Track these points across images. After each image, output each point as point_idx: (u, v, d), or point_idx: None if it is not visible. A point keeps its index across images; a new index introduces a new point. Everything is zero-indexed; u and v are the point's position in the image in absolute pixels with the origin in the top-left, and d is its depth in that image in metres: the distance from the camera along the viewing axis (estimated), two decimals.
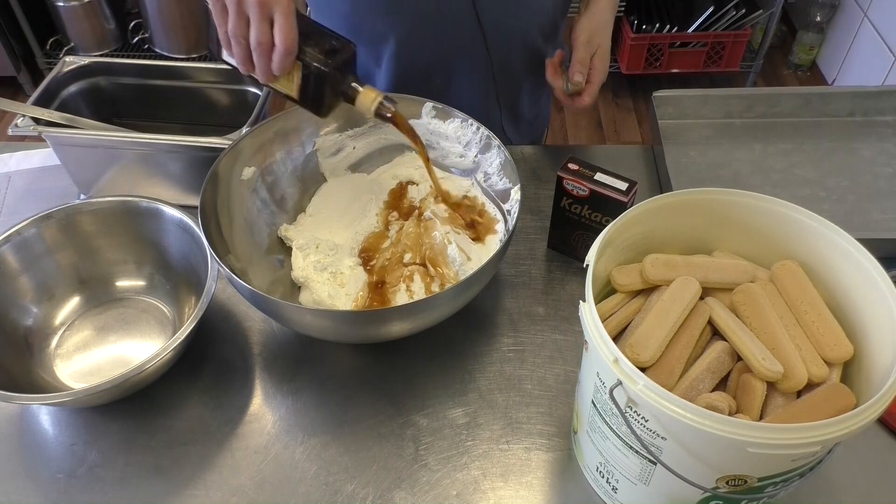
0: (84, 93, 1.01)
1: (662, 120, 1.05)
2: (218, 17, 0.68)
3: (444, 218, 0.87)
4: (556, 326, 0.84)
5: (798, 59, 2.60)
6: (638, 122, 2.49)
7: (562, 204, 0.85)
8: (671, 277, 0.64)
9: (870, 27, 2.30)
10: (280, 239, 0.88)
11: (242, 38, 0.68)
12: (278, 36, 0.66)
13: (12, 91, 2.54)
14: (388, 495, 0.70)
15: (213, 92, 1.02)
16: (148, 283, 0.88)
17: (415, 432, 0.75)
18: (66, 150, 0.95)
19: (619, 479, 0.64)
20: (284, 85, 0.73)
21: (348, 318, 0.75)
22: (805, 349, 0.61)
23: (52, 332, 0.84)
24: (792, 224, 0.65)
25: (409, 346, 0.82)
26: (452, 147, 0.90)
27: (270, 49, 0.67)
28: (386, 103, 0.75)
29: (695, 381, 0.59)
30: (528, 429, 0.75)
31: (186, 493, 0.71)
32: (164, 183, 0.95)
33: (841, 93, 1.08)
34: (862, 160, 1.03)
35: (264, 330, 0.84)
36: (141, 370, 0.69)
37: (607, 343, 0.54)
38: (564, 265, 0.90)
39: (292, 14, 0.67)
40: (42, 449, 0.75)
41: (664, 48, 2.40)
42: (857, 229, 0.63)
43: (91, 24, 2.45)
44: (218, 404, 0.78)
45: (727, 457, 0.54)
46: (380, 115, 0.75)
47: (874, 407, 0.51)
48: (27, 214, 0.82)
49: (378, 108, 0.75)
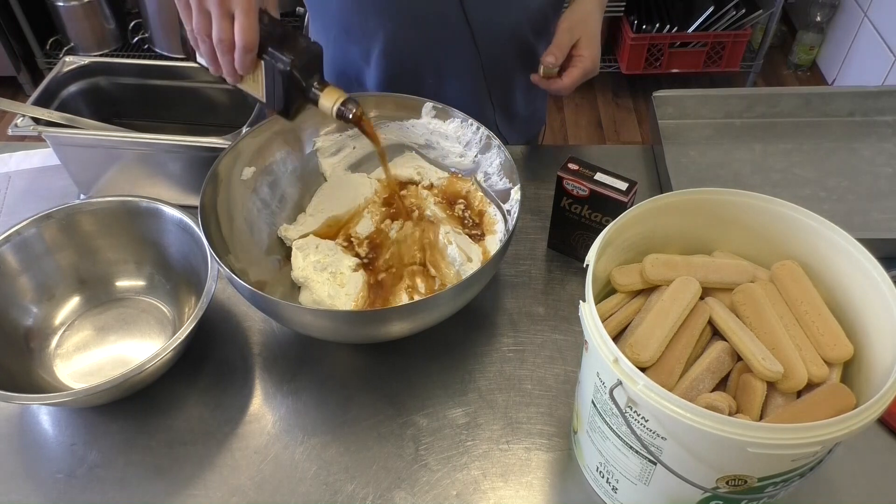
0: (84, 93, 1.01)
1: (662, 120, 1.05)
2: (183, 14, 0.68)
3: (444, 218, 0.87)
4: (556, 326, 0.84)
5: (798, 59, 2.60)
6: (638, 122, 2.49)
7: (562, 204, 0.85)
8: (671, 277, 0.64)
9: (870, 27, 2.30)
10: (280, 239, 0.88)
11: (206, 36, 0.67)
12: (238, 33, 0.66)
13: (12, 91, 2.54)
14: (388, 495, 0.70)
15: (213, 92, 1.02)
16: (148, 283, 0.88)
17: (415, 432, 0.75)
18: (66, 150, 0.95)
19: (619, 479, 0.64)
20: (251, 86, 0.72)
21: (348, 318, 0.75)
22: (805, 349, 0.61)
23: (52, 332, 0.84)
24: (792, 224, 0.65)
25: (409, 346, 0.82)
26: (452, 147, 0.90)
27: (232, 47, 0.67)
28: (348, 104, 0.73)
29: (695, 381, 0.59)
30: (528, 429, 0.75)
31: (186, 493, 0.71)
32: (164, 183, 0.95)
33: (841, 93, 1.08)
34: (862, 160, 1.03)
35: (264, 330, 0.84)
36: (141, 370, 0.69)
37: (607, 343, 0.54)
38: (564, 265, 0.90)
39: (253, 11, 0.66)
40: (42, 449, 0.75)
41: (664, 48, 2.40)
42: (857, 229, 0.63)
43: (91, 24, 2.45)
44: (218, 404, 0.78)
45: (727, 457, 0.54)
46: (340, 115, 0.73)
47: (874, 407, 0.51)
48: (27, 214, 0.82)
49: (339, 109, 0.73)
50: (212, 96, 1.03)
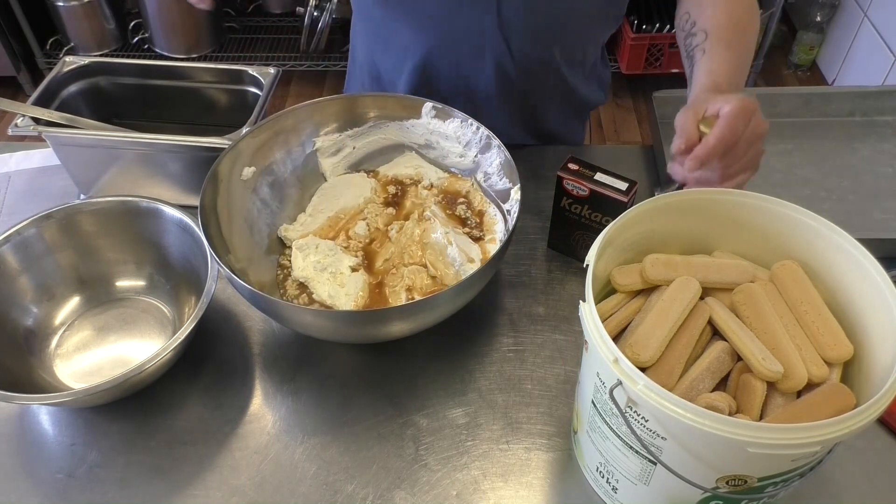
0: (84, 93, 1.01)
1: (662, 120, 1.05)
2: None
3: (444, 218, 0.87)
4: (556, 326, 0.84)
5: (798, 59, 2.60)
6: (638, 122, 2.49)
7: (562, 204, 0.85)
8: (671, 277, 0.64)
9: (870, 27, 2.30)
10: (280, 239, 0.88)
11: None
12: None
13: (12, 91, 2.54)
14: (388, 495, 0.70)
15: (213, 92, 1.02)
16: (148, 283, 0.88)
17: (415, 432, 0.75)
18: (66, 149, 0.95)
19: (619, 479, 0.64)
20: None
21: (348, 318, 0.75)
22: (805, 349, 0.61)
23: (52, 332, 0.84)
24: (792, 224, 0.65)
25: (409, 346, 0.82)
26: (452, 147, 0.90)
27: None
28: None
29: (695, 381, 0.59)
30: (528, 429, 0.75)
31: (186, 493, 0.71)
32: (164, 183, 0.95)
33: (841, 93, 1.08)
34: (862, 160, 1.03)
35: (264, 330, 0.84)
36: (141, 370, 0.69)
37: (607, 343, 0.54)
38: (564, 265, 0.90)
39: None
40: (42, 449, 0.75)
41: (664, 48, 2.40)
42: (857, 229, 0.63)
43: (91, 24, 2.45)
44: (218, 404, 0.78)
45: (727, 457, 0.54)
46: None
47: (874, 407, 0.51)
48: (27, 214, 0.82)
49: None
50: (212, 96, 1.03)
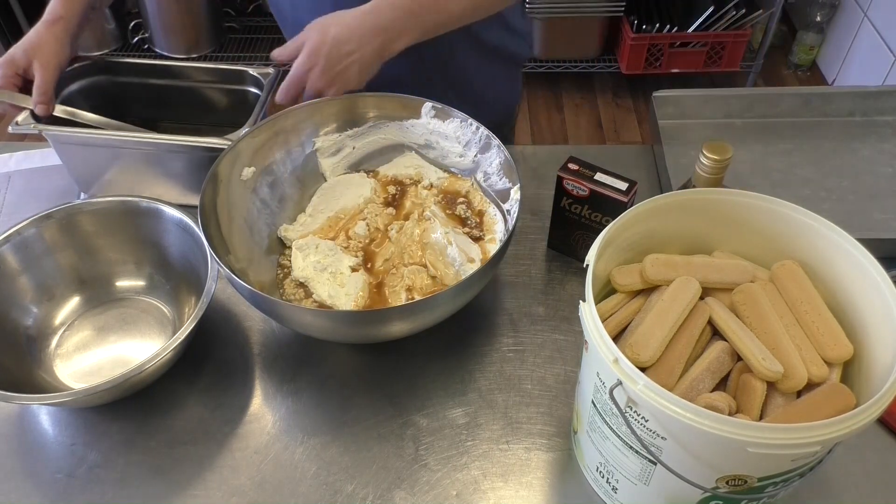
0: (84, 92, 1.01)
1: (662, 120, 1.05)
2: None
3: (444, 218, 0.87)
4: (556, 326, 0.84)
5: (798, 59, 2.60)
6: (638, 122, 2.49)
7: (562, 204, 0.85)
8: (671, 277, 0.64)
9: (870, 27, 2.30)
10: (280, 239, 0.88)
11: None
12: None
13: None
14: (388, 495, 0.70)
15: (213, 92, 1.02)
16: (148, 283, 0.88)
17: (415, 432, 0.75)
18: (67, 148, 0.95)
19: (619, 479, 0.64)
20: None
21: (348, 318, 0.75)
22: (805, 349, 0.61)
23: (52, 332, 0.84)
24: (792, 224, 0.65)
25: (409, 346, 0.82)
26: (452, 147, 0.90)
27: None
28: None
29: (695, 381, 0.59)
30: (528, 429, 0.75)
31: (186, 493, 0.71)
32: (164, 183, 0.95)
33: (841, 93, 1.08)
34: (862, 160, 1.03)
35: (264, 330, 0.84)
36: (141, 370, 0.69)
37: (607, 343, 0.54)
38: (564, 265, 0.90)
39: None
40: (42, 449, 0.75)
41: (664, 48, 2.40)
42: (857, 229, 0.63)
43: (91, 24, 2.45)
44: (218, 404, 0.78)
45: (727, 457, 0.54)
46: None
47: (874, 407, 0.51)
48: (27, 214, 0.82)
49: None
50: (212, 96, 1.03)
